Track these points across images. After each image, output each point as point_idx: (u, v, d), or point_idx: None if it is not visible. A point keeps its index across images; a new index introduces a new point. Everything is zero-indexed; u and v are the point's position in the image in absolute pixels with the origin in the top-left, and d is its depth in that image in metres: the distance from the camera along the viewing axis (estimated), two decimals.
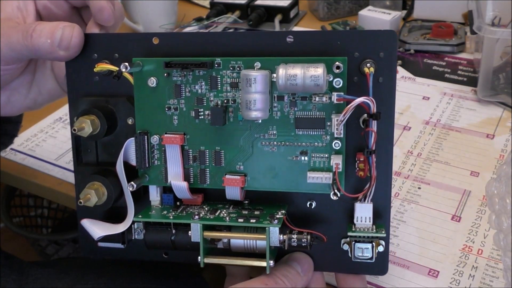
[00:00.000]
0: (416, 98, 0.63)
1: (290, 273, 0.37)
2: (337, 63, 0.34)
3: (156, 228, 0.38)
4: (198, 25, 0.82)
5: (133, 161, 0.38)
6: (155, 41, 0.38)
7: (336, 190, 0.35)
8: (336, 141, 0.35)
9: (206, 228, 0.36)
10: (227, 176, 0.37)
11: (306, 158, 0.36)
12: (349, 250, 0.37)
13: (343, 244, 0.37)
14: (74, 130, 0.36)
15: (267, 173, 0.37)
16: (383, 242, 0.36)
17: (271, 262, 0.35)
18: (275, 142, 0.37)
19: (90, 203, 0.37)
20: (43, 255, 0.98)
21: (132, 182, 0.37)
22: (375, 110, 0.34)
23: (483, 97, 0.60)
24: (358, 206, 0.36)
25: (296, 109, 0.36)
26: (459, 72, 0.68)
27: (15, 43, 0.38)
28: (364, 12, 0.79)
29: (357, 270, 0.38)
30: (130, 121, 0.39)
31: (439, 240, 0.44)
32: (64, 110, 0.65)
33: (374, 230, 0.36)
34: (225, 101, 0.37)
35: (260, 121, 0.36)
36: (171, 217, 0.37)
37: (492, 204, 0.37)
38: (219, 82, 0.37)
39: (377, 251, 0.36)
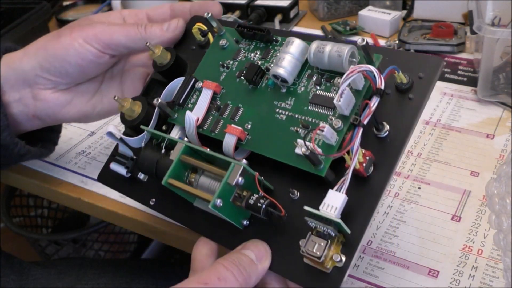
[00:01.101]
0: None
1: (242, 261, 0.34)
2: (365, 42, 0.34)
3: (153, 147, 0.41)
4: None
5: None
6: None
7: (307, 148, 0.33)
8: (338, 119, 0.35)
9: (186, 152, 0.38)
10: (232, 125, 0.39)
11: (304, 131, 0.36)
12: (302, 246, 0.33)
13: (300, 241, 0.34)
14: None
15: (266, 138, 0.38)
16: (343, 257, 0.33)
17: (218, 200, 0.34)
18: (287, 112, 0.38)
19: (123, 108, 0.42)
20: (43, 255, 0.98)
21: (161, 99, 0.41)
22: (381, 86, 0.33)
23: (483, 97, 0.60)
24: (330, 192, 0.33)
25: (318, 87, 0.38)
26: (459, 72, 0.68)
27: (131, 33, 0.45)
28: (364, 12, 0.79)
29: (303, 279, 0.34)
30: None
31: (439, 240, 0.44)
32: None
33: (337, 221, 0.32)
34: (266, 67, 0.41)
35: (284, 90, 0.39)
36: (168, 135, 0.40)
37: (492, 204, 0.37)
38: (271, 55, 0.41)
39: (333, 258, 0.32)
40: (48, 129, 0.52)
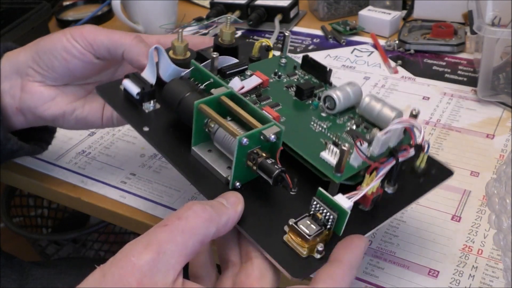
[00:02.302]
0: (416, 98, 0.63)
1: (209, 202, 0.32)
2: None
3: (187, 83, 0.40)
4: (198, 25, 0.82)
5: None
6: None
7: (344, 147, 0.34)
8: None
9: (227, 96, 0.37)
10: (268, 107, 0.40)
11: (332, 147, 0.37)
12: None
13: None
14: None
15: (295, 134, 0.39)
16: (324, 252, 0.33)
17: (245, 139, 0.33)
18: (321, 128, 0.40)
19: (178, 43, 0.44)
20: (43, 255, 0.98)
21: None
22: (421, 143, 0.36)
23: (483, 97, 0.60)
24: (340, 195, 0.33)
25: (355, 127, 0.40)
26: (459, 72, 0.68)
27: (115, 36, 0.46)
28: (364, 12, 0.79)
29: (277, 253, 0.33)
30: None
31: (439, 240, 0.44)
32: None
33: (346, 211, 0.32)
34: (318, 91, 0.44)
35: (324, 115, 0.41)
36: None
37: (492, 204, 0.37)
38: (321, 90, 0.44)
39: (317, 246, 0.32)
40: (42, 129, 0.52)
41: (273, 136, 0.34)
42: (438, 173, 0.39)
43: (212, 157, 0.38)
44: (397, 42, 0.74)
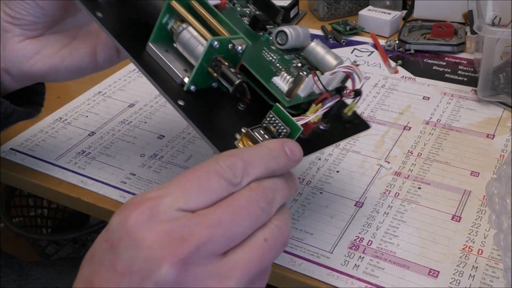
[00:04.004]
0: (416, 98, 0.63)
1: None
2: None
3: None
4: None
5: None
6: None
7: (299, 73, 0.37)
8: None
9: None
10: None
11: (285, 74, 0.38)
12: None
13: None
14: None
15: (250, 58, 0.39)
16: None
17: (216, 42, 0.35)
18: (272, 58, 0.41)
19: None
20: (43, 255, 0.98)
21: None
22: (360, 87, 0.39)
23: (483, 97, 0.60)
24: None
25: (298, 61, 0.42)
26: (459, 72, 0.68)
27: None
28: (364, 12, 0.79)
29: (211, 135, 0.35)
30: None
31: (439, 240, 0.44)
32: (64, 110, 0.66)
33: (300, 128, 0.35)
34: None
35: (274, 48, 0.42)
36: None
37: (492, 204, 0.37)
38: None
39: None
40: (31, 92, 0.52)
41: (240, 48, 0.36)
42: (360, 124, 0.44)
43: (169, 57, 0.38)
44: (397, 42, 0.73)
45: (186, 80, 0.37)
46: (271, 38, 0.43)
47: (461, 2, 0.72)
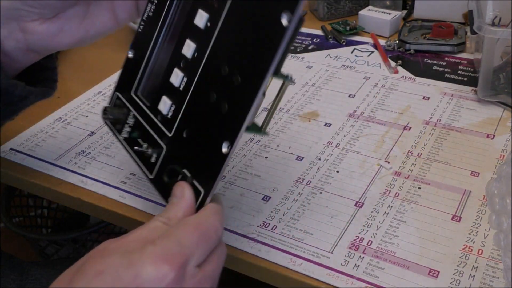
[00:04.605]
0: (416, 98, 0.63)
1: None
2: None
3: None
4: None
5: None
6: None
7: None
8: None
9: None
10: None
11: None
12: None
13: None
14: None
15: None
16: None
17: None
18: None
19: None
20: (43, 255, 0.98)
21: None
22: None
23: (483, 97, 0.60)
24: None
25: None
26: (459, 72, 0.68)
27: None
28: (364, 12, 0.79)
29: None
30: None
31: (439, 240, 0.44)
32: (64, 110, 0.66)
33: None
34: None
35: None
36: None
37: (492, 204, 0.37)
38: None
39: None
40: (43, 68, 0.52)
41: None
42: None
43: None
44: (397, 42, 0.73)
45: None
46: None
47: (461, 2, 0.72)
